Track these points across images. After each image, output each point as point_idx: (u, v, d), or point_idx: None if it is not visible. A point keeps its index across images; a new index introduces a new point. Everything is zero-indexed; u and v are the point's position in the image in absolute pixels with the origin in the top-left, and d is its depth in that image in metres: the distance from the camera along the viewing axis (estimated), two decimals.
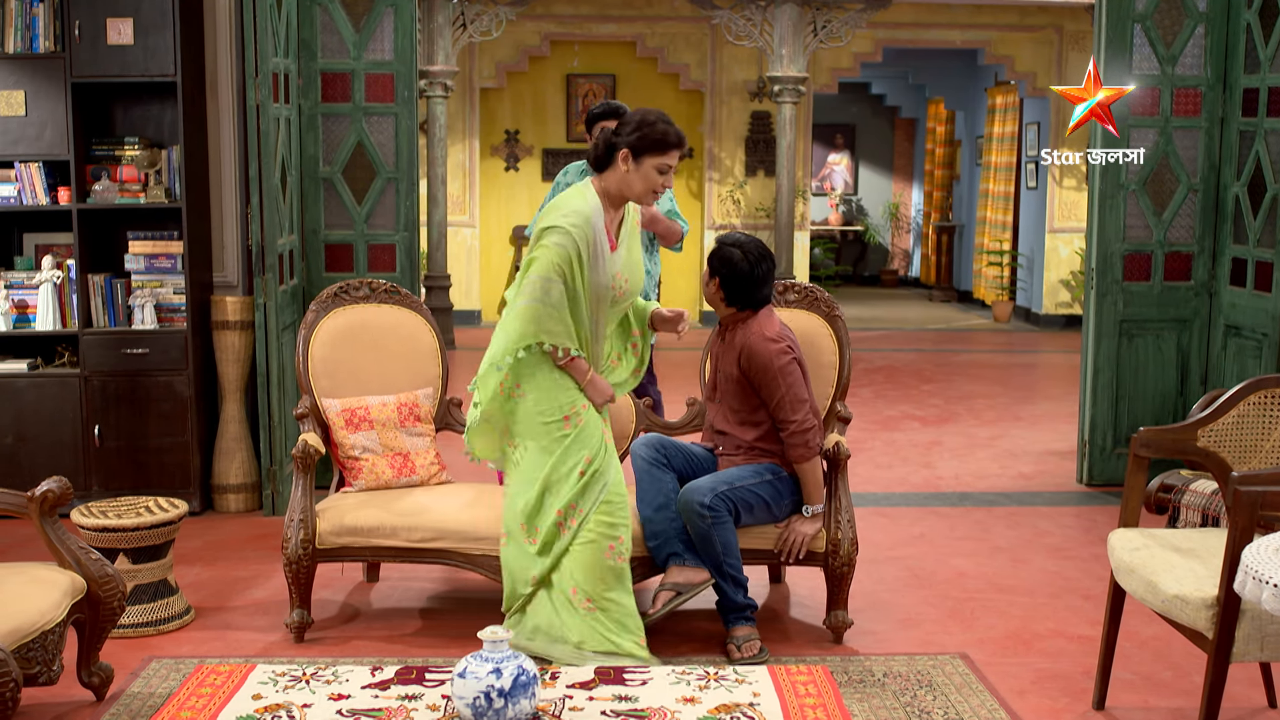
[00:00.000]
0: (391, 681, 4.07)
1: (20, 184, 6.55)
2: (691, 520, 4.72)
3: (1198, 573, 3.87)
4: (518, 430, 4.66)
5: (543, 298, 4.53)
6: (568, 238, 4.53)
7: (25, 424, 6.59)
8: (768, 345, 4.83)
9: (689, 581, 4.76)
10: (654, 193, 4.59)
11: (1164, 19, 7.22)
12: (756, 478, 4.85)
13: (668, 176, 4.58)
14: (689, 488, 4.77)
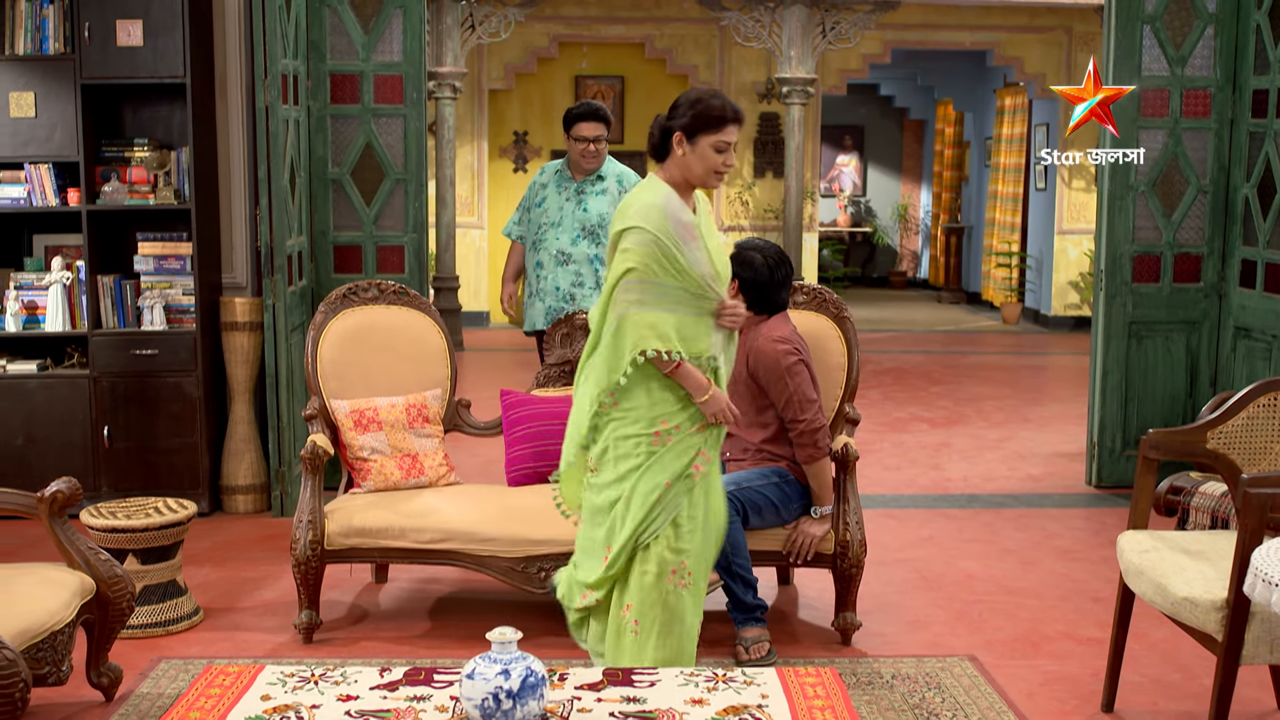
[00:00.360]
0: (400, 682, 4.07)
1: (30, 185, 6.57)
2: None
3: (1207, 575, 3.86)
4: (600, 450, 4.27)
5: (638, 301, 4.13)
6: (645, 234, 4.11)
7: (35, 425, 6.60)
8: (774, 346, 4.83)
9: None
10: (715, 173, 4.18)
11: (1173, 20, 7.20)
12: (764, 480, 4.85)
13: (728, 155, 4.16)
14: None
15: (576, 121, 6.45)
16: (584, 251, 6.47)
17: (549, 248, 6.49)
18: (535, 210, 6.61)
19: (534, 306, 6.60)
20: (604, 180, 6.53)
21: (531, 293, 6.63)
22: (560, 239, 6.47)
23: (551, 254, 6.48)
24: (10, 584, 4.03)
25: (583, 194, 6.51)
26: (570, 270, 6.46)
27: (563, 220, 6.48)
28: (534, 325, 6.62)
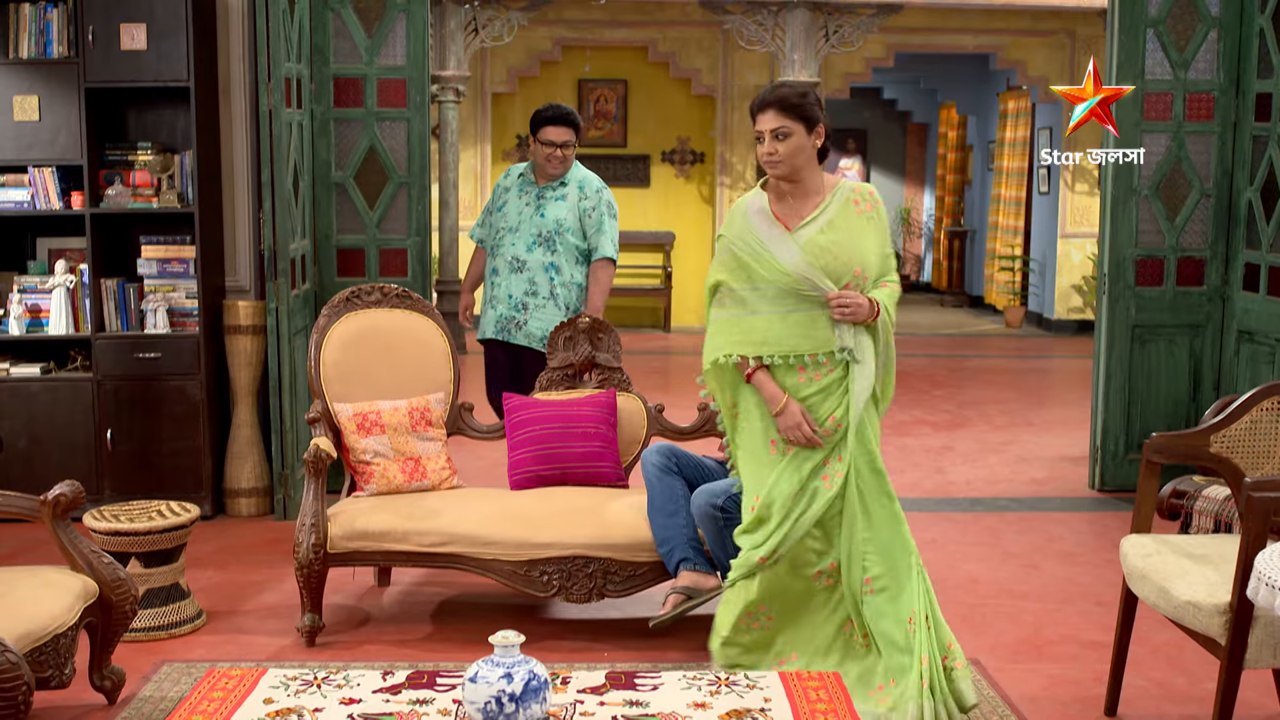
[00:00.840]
0: (403, 686, 4.07)
1: (34, 189, 6.57)
2: (705, 521, 4.70)
3: (1210, 579, 3.86)
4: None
5: (718, 305, 4.31)
6: (723, 240, 4.32)
7: (38, 428, 6.60)
8: None
9: (699, 586, 4.75)
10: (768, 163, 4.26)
11: (1177, 24, 7.20)
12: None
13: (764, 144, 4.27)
14: (703, 489, 4.77)
15: (545, 125, 6.24)
16: (539, 259, 6.19)
17: (504, 254, 6.25)
18: (497, 214, 6.38)
19: (486, 314, 6.35)
20: (565, 186, 6.30)
21: (486, 300, 6.39)
22: (516, 245, 6.22)
23: (506, 260, 6.24)
24: (13, 587, 4.03)
25: (542, 199, 6.27)
26: (524, 278, 6.18)
27: (520, 226, 6.24)
28: (484, 334, 6.37)
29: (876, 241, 4.30)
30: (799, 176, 4.26)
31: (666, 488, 4.84)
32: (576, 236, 6.24)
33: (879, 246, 4.31)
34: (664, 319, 15.03)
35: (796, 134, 4.21)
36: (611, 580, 4.91)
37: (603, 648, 4.91)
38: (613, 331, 5.65)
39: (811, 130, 4.24)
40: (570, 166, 6.32)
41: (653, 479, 4.89)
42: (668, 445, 5.02)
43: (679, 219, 15.47)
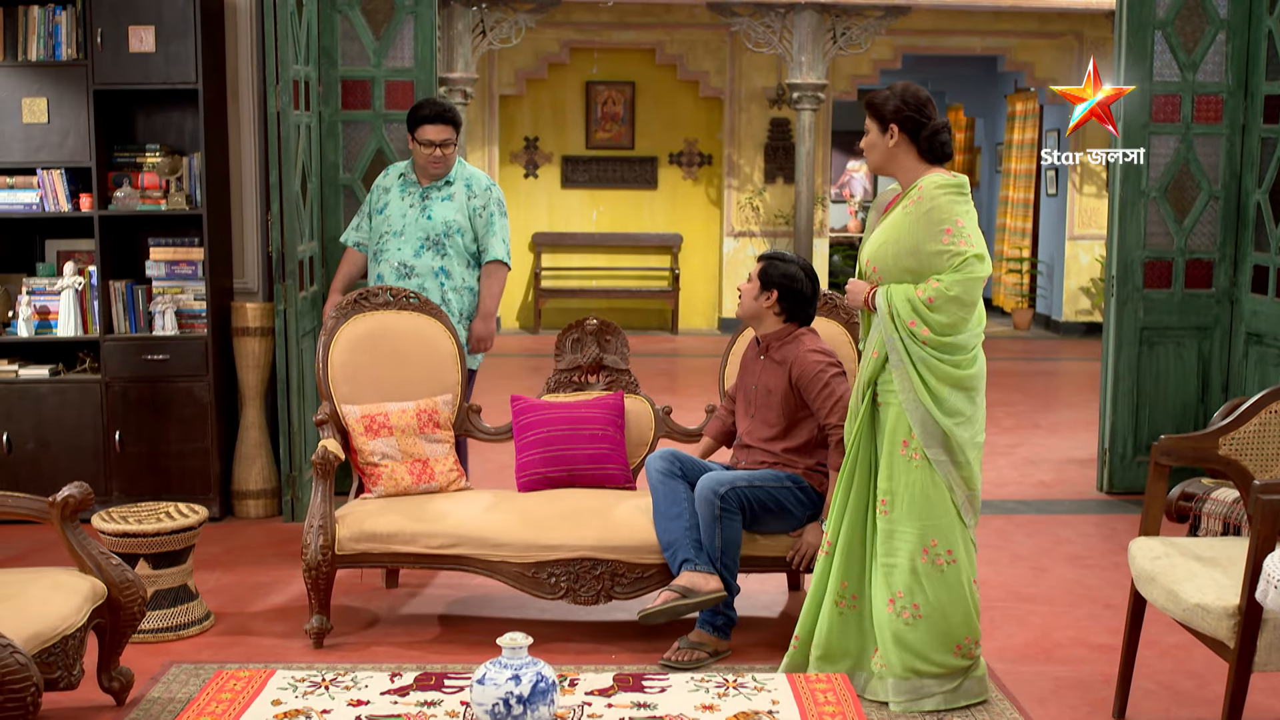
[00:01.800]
0: (410, 687, 4.07)
1: (43, 191, 6.59)
2: (702, 505, 4.73)
3: (1219, 582, 3.85)
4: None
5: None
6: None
7: (47, 430, 6.62)
8: (820, 358, 4.89)
9: (697, 588, 4.73)
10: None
11: (1185, 26, 7.20)
12: (777, 482, 4.86)
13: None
14: (710, 475, 4.81)
15: (422, 124, 5.91)
16: (428, 264, 5.94)
17: (390, 259, 5.98)
18: (378, 217, 6.09)
19: None
20: (452, 185, 6.03)
21: None
22: (402, 250, 5.95)
23: (393, 266, 5.97)
24: (22, 588, 4.04)
25: (428, 200, 6.00)
26: (413, 284, 5.90)
27: (405, 229, 5.97)
28: None
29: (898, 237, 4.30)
30: (885, 172, 4.46)
31: (670, 491, 4.85)
32: (467, 238, 6.00)
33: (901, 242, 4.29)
34: (671, 321, 15.03)
35: (872, 132, 4.41)
36: (619, 582, 4.91)
37: (610, 650, 4.91)
38: (620, 333, 5.66)
39: (885, 130, 4.36)
40: (453, 164, 6.04)
41: (656, 483, 4.90)
42: (670, 450, 5.03)
43: (686, 221, 15.47)
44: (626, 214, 15.46)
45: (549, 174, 15.38)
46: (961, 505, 4.34)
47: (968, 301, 4.23)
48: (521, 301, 15.42)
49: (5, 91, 6.54)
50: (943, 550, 4.33)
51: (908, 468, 4.32)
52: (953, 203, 4.25)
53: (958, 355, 4.27)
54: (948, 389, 4.26)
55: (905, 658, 4.35)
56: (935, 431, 4.27)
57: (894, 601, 4.36)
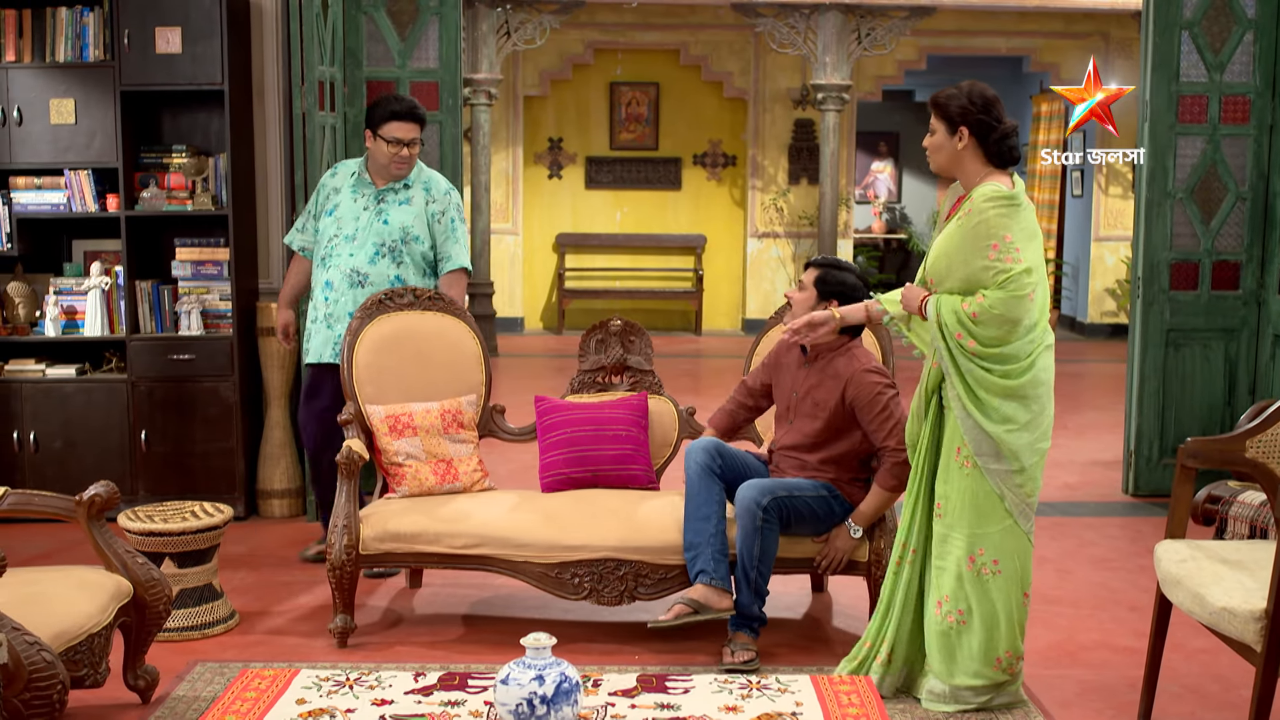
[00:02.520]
0: (434, 687, 4.08)
1: (70, 191, 6.63)
2: (744, 515, 4.68)
3: (1246, 585, 3.83)
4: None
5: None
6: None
7: (73, 429, 6.65)
8: (878, 379, 4.81)
9: (710, 604, 4.73)
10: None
11: (1212, 26, 7.16)
12: (814, 491, 4.83)
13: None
14: (753, 483, 4.75)
15: (391, 120, 5.60)
16: (383, 271, 5.66)
17: (340, 265, 5.67)
18: (326, 219, 5.77)
19: (319, 334, 5.75)
20: (410, 188, 5.75)
21: (316, 317, 5.76)
22: (355, 256, 5.66)
23: (344, 272, 5.66)
24: (48, 587, 4.06)
25: (384, 204, 5.70)
26: (366, 293, 5.63)
27: (359, 234, 5.67)
28: (319, 357, 5.75)
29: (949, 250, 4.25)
30: (950, 174, 4.39)
31: (705, 490, 4.81)
32: (424, 245, 5.74)
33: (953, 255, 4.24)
34: (695, 322, 15.03)
35: (939, 132, 4.32)
36: (642, 583, 4.91)
37: (634, 650, 4.91)
38: (644, 334, 5.65)
39: (954, 131, 4.27)
40: (413, 167, 5.77)
41: (694, 477, 4.84)
42: (714, 442, 4.95)
43: (710, 222, 15.47)
44: (650, 215, 15.46)
45: (573, 175, 15.39)
46: (1017, 513, 4.28)
47: (1012, 318, 4.14)
48: (545, 302, 15.44)
49: (33, 92, 6.58)
50: (989, 560, 4.28)
51: (959, 474, 4.29)
52: (1000, 217, 4.16)
53: (1008, 365, 4.18)
54: (998, 399, 4.18)
55: (948, 665, 4.34)
56: (986, 440, 4.22)
57: (941, 605, 4.34)
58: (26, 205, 6.64)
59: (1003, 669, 4.33)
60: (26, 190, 6.64)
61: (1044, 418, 4.27)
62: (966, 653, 4.31)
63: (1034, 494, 4.31)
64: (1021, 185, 4.30)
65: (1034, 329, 4.20)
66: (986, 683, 4.33)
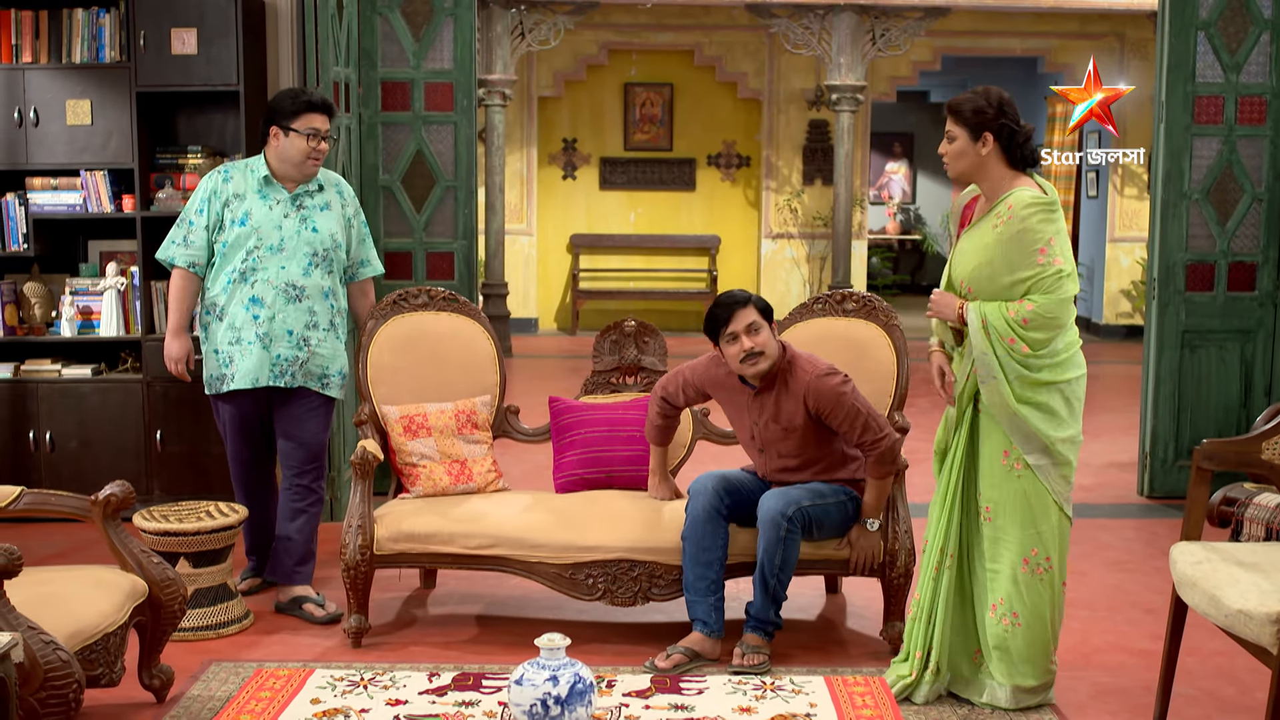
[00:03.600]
0: (448, 687, 4.09)
1: (86, 192, 6.65)
2: (768, 527, 4.65)
3: (1262, 587, 3.82)
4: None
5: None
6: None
7: (89, 429, 6.67)
8: (829, 381, 4.76)
9: (705, 653, 4.74)
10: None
11: (1228, 26, 7.14)
12: (835, 496, 4.82)
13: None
14: (775, 494, 4.72)
15: (306, 111, 5.15)
16: (318, 283, 5.24)
17: (271, 278, 5.17)
18: (235, 229, 5.18)
19: (249, 356, 5.19)
20: (324, 191, 5.34)
21: (237, 339, 5.20)
22: (287, 268, 5.18)
23: (277, 287, 5.17)
24: (64, 586, 4.08)
25: (304, 209, 5.25)
26: (303, 307, 5.21)
27: (285, 244, 5.19)
28: (253, 380, 5.22)
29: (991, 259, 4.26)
30: (970, 180, 4.39)
31: (710, 534, 4.75)
32: (343, 252, 5.37)
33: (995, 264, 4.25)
34: None
35: (960, 139, 4.32)
36: (656, 584, 4.91)
37: (648, 651, 4.90)
38: (658, 335, 5.65)
39: (977, 138, 4.28)
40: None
41: (701, 518, 4.76)
42: (722, 480, 4.85)
43: (725, 222, 15.46)
44: (664, 215, 15.46)
45: (587, 175, 15.40)
46: (1064, 503, 4.35)
47: (1063, 320, 4.24)
48: (560, 303, 15.45)
49: (49, 93, 6.61)
50: (1042, 559, 4.33)
51: (1009, 477, 4.32)
52: (1044, 222, 4.22)
53: (1055, 360, 4.26)
54: (1044, 394, 4.25)
55: (1007, 667, 4.36)
56: (1034, 437, 4.27)
57: (995, 608, 4.36)
58: (43, 206, 6.66)
59: (1054, 664, 4.41)
60: (43, 191, 6.67)
61: (1080, 410, 4.36)
62: (1025, 653, 4.34)
63: (1073, 479, 4.40)
64: (1054, 189, 4.35)
65: (1071, 328, 4.31)
66: (1040, 682, 4.37)
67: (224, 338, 5.24)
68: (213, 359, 5.29)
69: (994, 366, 4.24)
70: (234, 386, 5.25)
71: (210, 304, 5.28)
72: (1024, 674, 4.35)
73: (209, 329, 5.30)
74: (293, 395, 5.31)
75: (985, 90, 4.34)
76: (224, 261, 5.23)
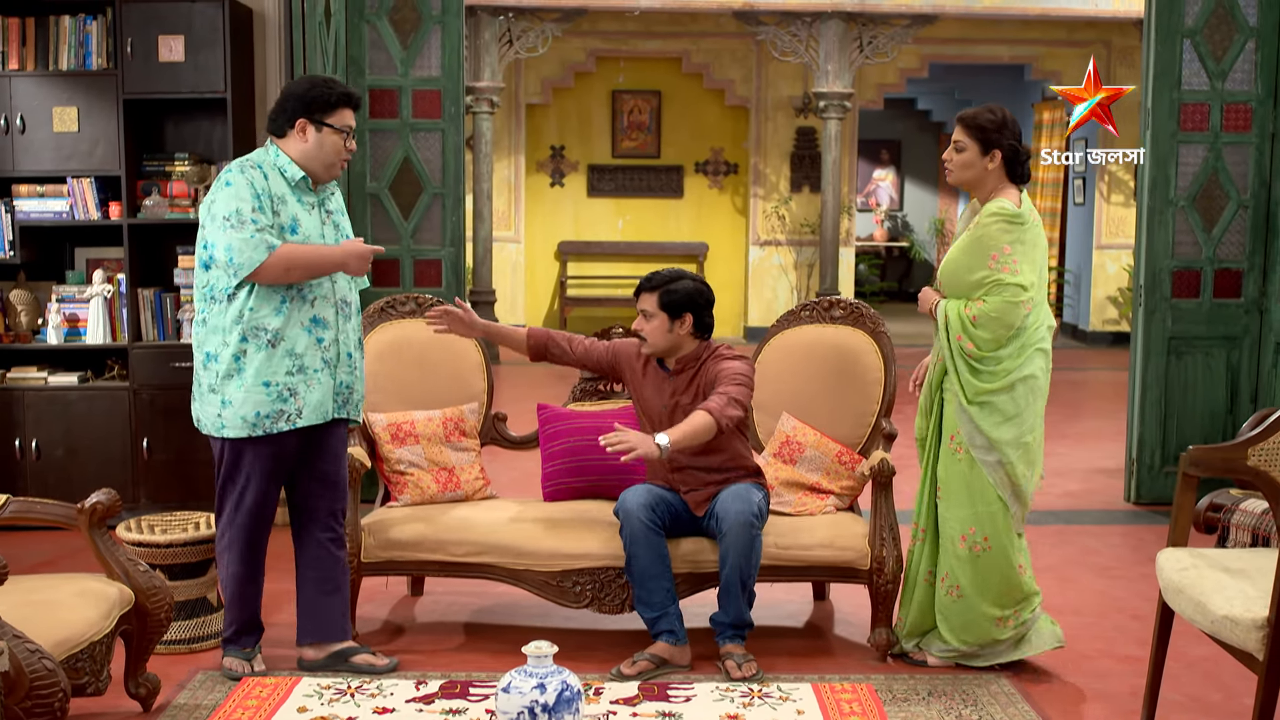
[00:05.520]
0: (436, 695, 4.08)
1: (72, 199, 6.63)
2: (742, 532, 4.61)
3: (1248, 593, 3.83)
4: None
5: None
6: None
7: (76, 437, 6.66)
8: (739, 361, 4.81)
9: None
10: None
11: (1214, 34, 7.17)
12: (760, 493, 4.83)
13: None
14: (729, 497, 4.69)
15: (342, 105, 4.51)
16: (356, 297, 4.71)
17: (328, 294, 4.53)
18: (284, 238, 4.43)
19: (318, 385, 4.50)
20: (336, 194, 4.73)
21: (300, 367, 4.46)
22: (338, 281, 4.57)
23: (335, 304, 4.55)
24: (50, 594, 4.06)
25: (331, 213, 4.66)
26: (353, 325, 4.67)
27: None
28: (324, 414, 4.54)
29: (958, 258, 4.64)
30: (969, 188, 4.75)
31: (653, 548, 4.72)
32: None
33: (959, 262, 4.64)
34: None
35: (970, 150, 4.65)
36: None
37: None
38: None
39: (987, 152, 4.63)
40: None
41: (640, 536, 4.71)
42: (649, 495, 4.81)
43: (712, 230, 15.48)
44: (652, 223, 15.48)
45: (575, 183, 15.41)
46: (1007, 497, 4.66)
47: (1007, 322, 4.55)
48: (547, 310, 15.45)
49: (36, 100, 6.59)
50: (979, 538, 4.67)
51: (952, 460, 4.70)
52: (1002, 232, 4.56)
53: (995, 367, 4.60)
54: (987, 394, 4.59)
55: (953, 630, 4.76)
56: (977, 433, 4.62)
57: (944, 579, 4.76)
58: (29, 213, 6.65)
59: (1005, 626, 4.74)
60: (29, 198, 6.65)
61: (1029, 413, 4.66)
62: (966, 621, 4.72)
63: (1024, 480, 4.67)
64: (1029, 203, 4.68)
65: (1024, 334, 4.59)
66: (990, 642, 4.75)
67: (280, 367, 4.42)
68: (259, 394, 4.41)
69: (947, 359, 4.69)
70: (302, 423, 4.48)
71: (254, 329, 4.40)
72: (969, 636, 4.73)
73: (245, 359, 4.41)
74: (330, 427, 4.66)
75: (999, 109, 4.72)
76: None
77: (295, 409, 4.45)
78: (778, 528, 4.95)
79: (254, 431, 4.45)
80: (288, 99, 4.51)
